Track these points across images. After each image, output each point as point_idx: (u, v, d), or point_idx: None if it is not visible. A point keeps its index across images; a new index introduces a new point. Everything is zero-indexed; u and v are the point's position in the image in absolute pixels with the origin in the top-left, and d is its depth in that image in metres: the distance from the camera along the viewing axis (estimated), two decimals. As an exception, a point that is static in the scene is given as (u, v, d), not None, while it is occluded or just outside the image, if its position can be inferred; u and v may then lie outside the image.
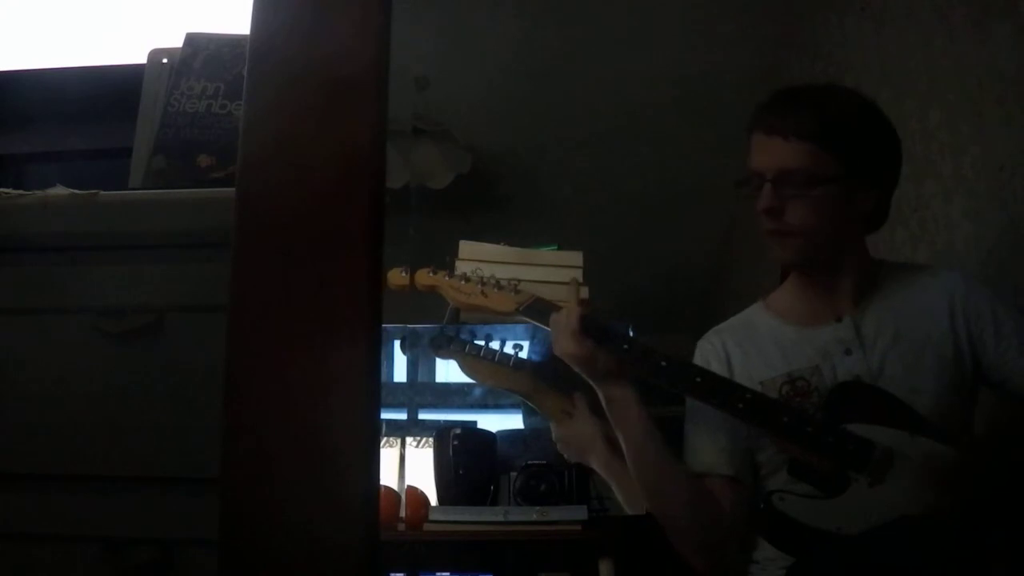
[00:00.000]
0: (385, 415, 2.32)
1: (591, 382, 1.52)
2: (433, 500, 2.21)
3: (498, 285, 1.61)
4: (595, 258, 2.27)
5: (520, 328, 2.19)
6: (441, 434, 2.30)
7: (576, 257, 2.26)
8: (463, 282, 1.63)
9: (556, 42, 2.94)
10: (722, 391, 1.46)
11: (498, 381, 2.29)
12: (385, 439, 2.32)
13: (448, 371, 2.40)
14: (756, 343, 1.57)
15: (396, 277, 1.67)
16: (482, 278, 1.62)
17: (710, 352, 1.58)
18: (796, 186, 1.46)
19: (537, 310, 1.57)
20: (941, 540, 1.24)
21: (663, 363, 1.47)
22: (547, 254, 2.28)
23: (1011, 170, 1.80)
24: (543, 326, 1.56)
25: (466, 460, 2.24)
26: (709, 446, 1.51)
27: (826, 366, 1.49)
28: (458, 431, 2.29)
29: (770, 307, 1.63)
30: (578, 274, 2.22)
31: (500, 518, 2.11)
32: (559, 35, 2.93)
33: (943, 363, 1.47)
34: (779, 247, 1.52)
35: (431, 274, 1.67)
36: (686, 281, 3.50)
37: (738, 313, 1.67)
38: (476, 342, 2.26)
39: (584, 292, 2.19)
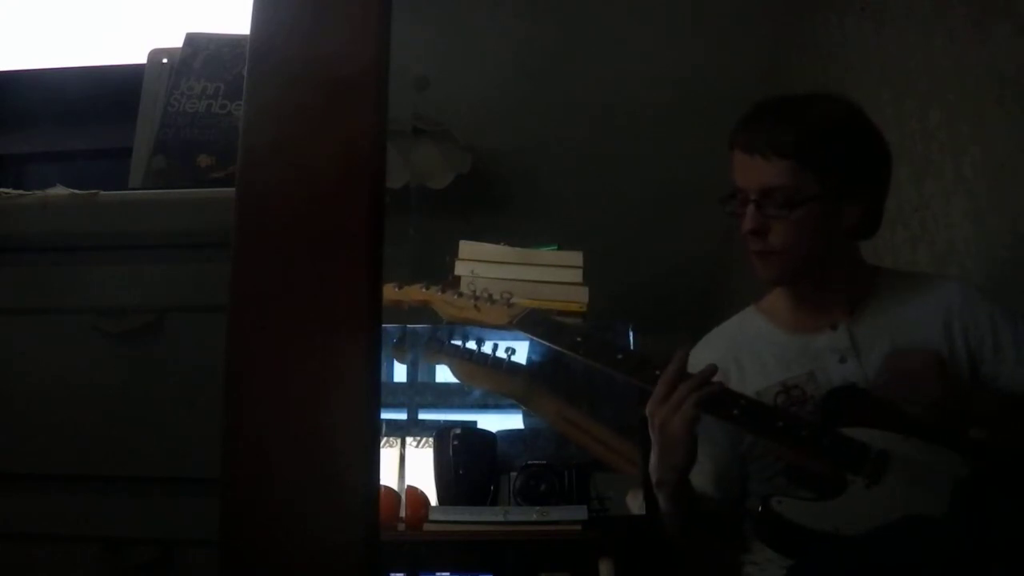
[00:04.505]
0: (385, 415, 2.32)
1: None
2: (433, 500, 2.21)
3: (491, 299, 1.59)
4: (595, 258, 2.27)
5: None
6: (441, 434, 2.30)
7: (576, 257, 2.26)
8: (456, 297, 1.61)
9: (556, 42, 2.94)
10: (716, 399, 1.45)
11: (492, 385, 2.28)
12: (385, 439, 2.32)
13: (448, 371, 2.39)
14: (750, 351, 1.56)
15: (389, 292, 1.65)
16: (475, 292, 1.60)
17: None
18: (778, 206, 1.46)
19: (531, 322, 1.56)
20: (941, 540, 1.24)
21: (658, 372, 1.46)
22: (547, 254, 2.28)
23: (1011, 170, 1.80)
24: (537, 339, 1.55)
25: (466, 460, 2.24)
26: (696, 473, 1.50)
27: (821, 374, 1.49)
28: (458, 431, 2.29)
29: (763, 312, 1.63)
30: (578, 274, 2.22)
31: (500, 518, 2.11)
32: (559, 35, 2.93)
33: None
34: (763, 267, 1.52)
35: (423, 289, 1.65)
36: (686, 281, 3.50)
37: (732, 316, 1.67)
38: (468, 346, 2.26)
39: (584, 292, 2.20)
